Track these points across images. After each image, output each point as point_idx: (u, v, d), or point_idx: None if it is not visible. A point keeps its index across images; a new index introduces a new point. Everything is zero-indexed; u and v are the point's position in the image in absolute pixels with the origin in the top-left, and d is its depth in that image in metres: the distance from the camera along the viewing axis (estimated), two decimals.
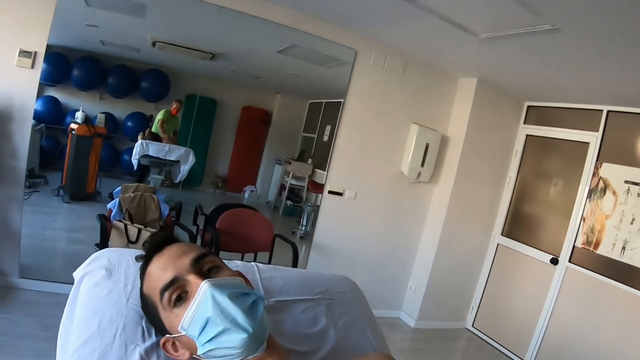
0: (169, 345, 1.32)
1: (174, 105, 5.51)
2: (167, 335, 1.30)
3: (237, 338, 1.17)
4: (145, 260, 1.38)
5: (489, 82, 5.45)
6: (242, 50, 5.52)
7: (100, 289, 1.50)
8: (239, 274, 1.38)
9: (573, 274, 5.09)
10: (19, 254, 4.58)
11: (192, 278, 1.25)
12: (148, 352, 1.35)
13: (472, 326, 6.20)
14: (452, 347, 5.86)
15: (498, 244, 5.98)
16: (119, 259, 1.61)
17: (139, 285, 1.41)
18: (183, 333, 1.23)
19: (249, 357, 1.23)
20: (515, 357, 5.49)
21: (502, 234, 5.97)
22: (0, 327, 3.87)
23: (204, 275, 1.27)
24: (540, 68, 4.49)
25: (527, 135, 5.84)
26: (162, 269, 1.30)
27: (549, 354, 5.19)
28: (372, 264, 5.70)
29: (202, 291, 1.20)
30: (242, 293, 1.25)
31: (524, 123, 5.89)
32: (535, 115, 5.83)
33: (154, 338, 1.39)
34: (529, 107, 5.88)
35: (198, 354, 1.23)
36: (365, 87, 5.27)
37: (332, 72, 5.54)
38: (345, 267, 5.45)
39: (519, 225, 5.88)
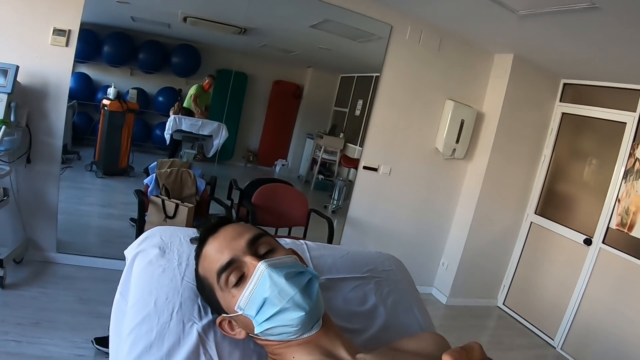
0: (225, 324, 1.33)
1: (207, 81, 5.53)
2: (224, 315, 1.31)
3: (294, 317, 1.18)
4: (200, 242, 1.38)
5: (526, 59, 5.34)
6: (274, 25, 5.48)
7: (154, 268, 1.50)
8: (293, 251, 1.39)
9: (606, 255, 5.01)
10: (55, 230, 4.67)
11: (248, 259, 1.25)
12: (205, 329, 1.36)
13: (503, 304, 6.16)
14: (483, 324, 5.84)
15: (531, 222, 5.90)
16: (172, 237, 1.62)
17: (193, 264, 1.42)
18: (240, 313, 1.24)
19: (305, 335, 1.24)
20: (546, 336, 5.45)
21: (535, 213, 5.88)
22: (39, 302, 3.94)
23: (260, 256, 1.28)
24: (578, 46, 4.39)
25: (563, 114, 5.72)
26: (218, 251, 1.30)
27: (580, 335, 5.14)
28: (405, 240, 5.69)
29: (259, 272, 1.21)
30: (298, 272, 1.25)
31: (560, 101, 5.75)
32: (572, 93, 5.71)
33: (210, 316, 1.39)
34: (565, 84, 5.74)
35: (255, 332, 1.24)
36: (401, 63, 5.22)
37: (366, 47, 5.48)
38: (378, 242, 5.48)
39: (553, 204, 5.79)
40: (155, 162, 4.77)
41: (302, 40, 5.77)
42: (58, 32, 4.22)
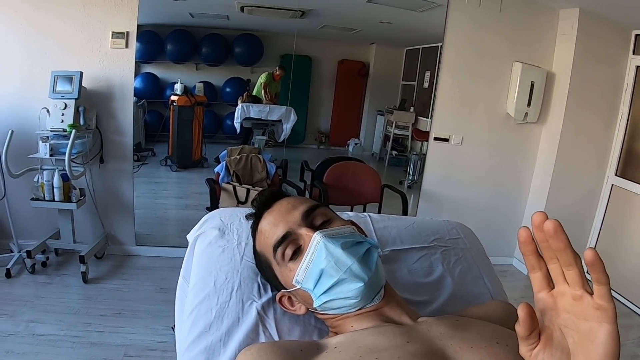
0: (285, 300, 1.32)
1: (278, 72, 5.60)
2: (283, 291, 1.30)
3: (352, 288, 1.15)
4: (255, 218, 1.37)
5: (592, 12, 5.07)
6: (330, 3, 5.44)
7: (214, 249, 1.53)
8: (351, 222, 1.35)
9: None
10: (133, 224, 4.86)
11: (303, 231, 1.23)
12: (265, 307, 1.36)
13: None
14: None
15: (612, 185, 5.59)
16: (231, 218, 1.64)
17: (252, 244, 1.41)
18: (298, 287, 1.23)
19: (367, 307, 1.22)
20: (633, 305, 5.18)
21: (616, 174, 5.58)
22: (120, 293, 4.13)
23: (315, 227, 1.25)
24: None
25: (638, 67, 5.36)
26: (273, 225, 1.29)
27: None
28: (482, 210, 5.57)
29: (315, 243, 1.18)
30: (355, 242, 1.22)
31: (633, 54, 5.40)
32: None
33: (270, 293, 1.40)
34: (637, 35, 5.38)
35: (314, 306, 1.23)
36: (462, 29, 5.10)
37: (426, 16, 5.36)
38: (454, 214, 5.32)
39: (634, 165, 5.45)
40: (225, 150, 4.87)
41: (361, 16, 5.68)
42: (117, 35, 4.41)
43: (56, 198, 4.12)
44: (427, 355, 1.04)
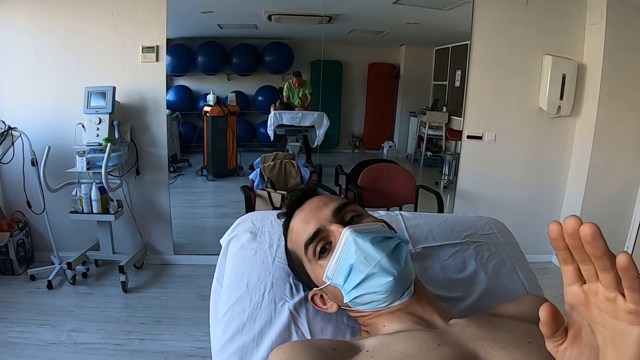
0: (317, 299, 1.33)
1: (294, 80, 5.67)
2: (315, 289, 1.31)
3: (382, 282, 1.16)
4: (287, 217, 1.39)
5: None
6: (356, 7, 5.44)
7: (246, 251, 1.55)
8: (382, 221, 1.35)
9: None
10: (171, 233, 4.93)
11: (334, 227, 1.24)
12: (297, 307, 1.37)
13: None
14: None
15: None
16: (263, 221, 1.66)
17: (284, 243, 1.43)
18: (328, 283, 1.23)
19: (396, 303, 1.21)
20: None
21: None
22: (160, 302, 4.19)
23: (345, 224, 1.25)
24: None
25: None
26: (304, 223, 1.30)
27: None
28: (519, 207, 5.49)
29: (344, 238, 1.19)
30: (385, 237, 1.22)
31: None
32: None
33: (302, 293, 1.41)
34: None
35: (345, 302, 1.23)
36: (490, 24, 5.06)
37: (454, 14, 5.31)
38: (491, 212, 5.20)
39: None
40: (260, 158, 4.91)
41: (388, 18, 5.66)
42: (147, 49, 4.49)
43: (94, 210, 4.21)
44: (459, 358, 1.04)
